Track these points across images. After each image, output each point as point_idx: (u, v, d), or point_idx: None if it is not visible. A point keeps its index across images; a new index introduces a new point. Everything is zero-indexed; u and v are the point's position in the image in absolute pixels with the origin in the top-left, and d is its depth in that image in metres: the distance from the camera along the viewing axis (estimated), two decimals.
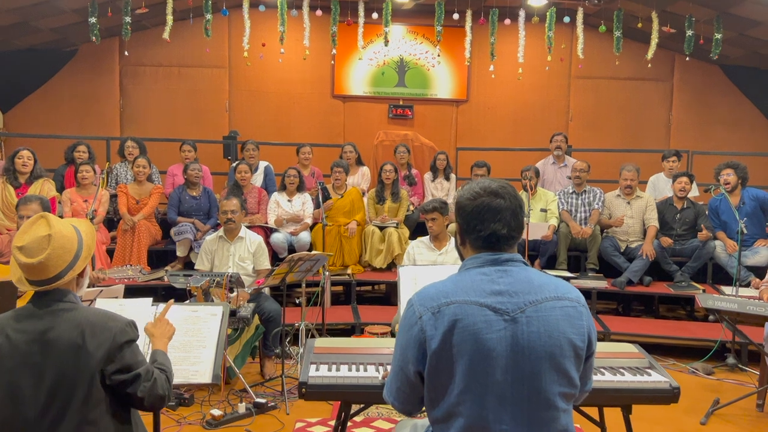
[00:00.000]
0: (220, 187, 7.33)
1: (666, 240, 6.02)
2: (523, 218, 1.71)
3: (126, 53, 8.72)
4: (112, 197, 6.39)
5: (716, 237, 6.02)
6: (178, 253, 6.07)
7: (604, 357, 2.61)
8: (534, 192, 6.31)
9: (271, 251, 5.94)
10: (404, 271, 2.86)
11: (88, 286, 2.44)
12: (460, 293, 1.63)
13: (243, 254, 4.92)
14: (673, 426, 3.89)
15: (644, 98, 9.78)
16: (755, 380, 4.49)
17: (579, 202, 6.34)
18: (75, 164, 6.34)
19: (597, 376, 2.41)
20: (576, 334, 1.64)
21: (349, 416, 2.56)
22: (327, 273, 5.01)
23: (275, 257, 6.07)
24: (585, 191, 6.36)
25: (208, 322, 2.59)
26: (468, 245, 1.74)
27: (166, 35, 7.75)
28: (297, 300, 4.75)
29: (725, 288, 5.76)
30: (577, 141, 8.74)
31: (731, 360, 4.96)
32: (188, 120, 9.47)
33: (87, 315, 1.85)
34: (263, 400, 3.97)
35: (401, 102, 9.80)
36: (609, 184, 6.89)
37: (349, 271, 6.22)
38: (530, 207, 6.05)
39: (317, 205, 6.27)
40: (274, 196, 6.50)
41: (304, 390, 2.32)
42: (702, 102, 9.65)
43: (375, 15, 8.21)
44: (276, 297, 4.97)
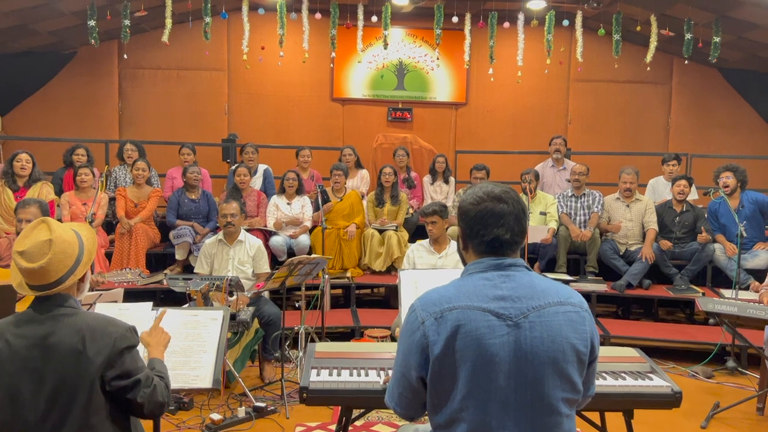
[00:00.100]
0: (219, 190, 7.32)
1: (665, 243, 6.02)
2: (526, 223, 1.71)
3: (125, 56, 8.71)
4: (111, 200, 6.38)
5: (715, 240, 6.03)
6: (177, 257, 6.06)
7: (606, 361, 2.60)
8: (533, 195, 6.32)
9: (271, 254, 5.92)
10: (405, 275, 2.85)
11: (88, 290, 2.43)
12: (463, 298, 1.62)
13: (242, 258, 4.90)
14: (674, 430, 3.88)
15: (643, 101, 9.79)
16: (755, 383, 4.49)
17: (578, 205, 6.34)
18: (74, 167, 6.33)
19: (599, 381, 2.41)
20: (579, 339, 1.63)
21: (351, 421, 2.55)
22: (327, 276, 5.00)
23: (274, 260, 6.06)
24: (584, 194, 6.36)
25: (209, 327, 2.58)
26: (471, 250, 1.73)
27: (165, 38, 7.75)
28: (297, 303, 4.74)
29: (725, 291, 5.76)
30: (576, 144, 8.75)
31: (731, 363, 4.96)
32: (187, 123, 9.46)
33: (87, 320, 1.85)
34: (263, 404, 3.96)
35: (400, 105, 9.79)
36: (608, 187, 6.89)
37: (349, 274, 6.21)
38: (530, 210, 6.05)
39: (316, 208, 6.27)
40: (274, 199, 6.49)
41: (306, 395, 2.30)
42: (701, 105, 9.66)
43: (374, 18, 8.22)
44: (275, 300, 4.96)
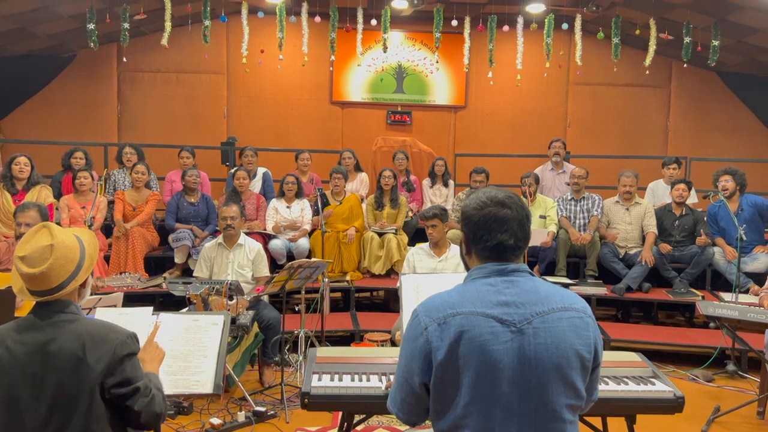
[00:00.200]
0: (219, 194, 7.31)
1: (665, 246, 6.01)
2: (530, 228, 1.70)
3: (124, 59, 8.70)
4: (110, 204, 6.36)
5: (715, 243, 6.03)
6: (177, 260, 6.05)
7: (608, 366, 2.59)
8: (533, 198, 6.31)
9: (270, 258, 5.92)
10: (406, 280, 2.84)
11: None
12: (466, 304, 1.61)
13: (242, 261, 4.89)
14: None
15: (642, 105, 9.81)
16: (755, 387, 4.48)
17: (578, 209, 6.34)
18: (72, 171, 6.32)
19: (601, 386, 2.39)
20: (583, 345, 1.62)
21: (352, 426, 2.54)
22: (326, 280, 4.99)
23: (274, 264, 6.05)
24: (584, 198, 6.36)
25: (209, 332, 2.57)
26: (474, 255, 1.72)
27: (165, 41, 7.74)
28: (296, 307, 4.72)
29: (724, 294, 5.76)
30: (575, 147, 8.75)
31: (731, 367, 4.95)
32: (186, 126, 9.46)
33: (88, 327, 1.83)
34: (263, 409, 3.94)
35: (399, 108, 9.80)
36: (607, 191, 6.89)
37: (348, 278, 6.20)
38: None
39: (316, 212, 6.25)
40: (273, 203, 6.48)
41: (307, 400, 2.29)
42: (699, 109, 9.67)
43: (374, 21, 8.23)
44: (275, 304, 4.94)
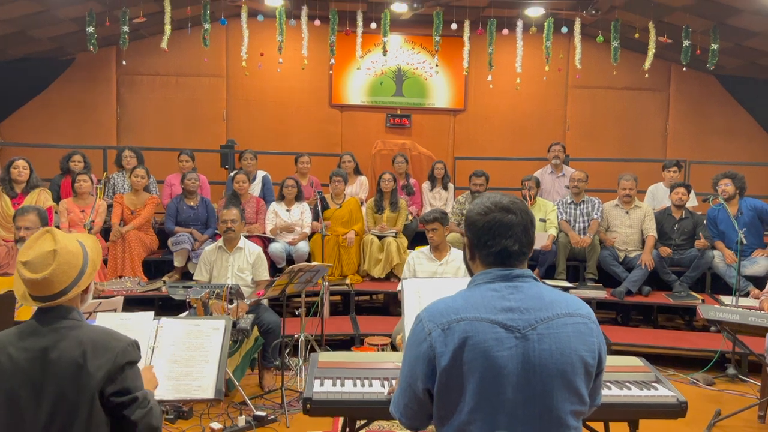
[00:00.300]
0: (218, 197, 7.30)
1: (665, 250, 6.02)
2: (534, 234, 1.69)
3: (123, 62, 8.69)
4: (110, 207, 6.35)
5: (714, 247, 6.03)
6: (176, 264, 6.04)
7: (611, 371, 2.59)
8: (533, 202, 6.31)
9: (270, 261, 5.91)
10: (407, 284, 2.84)
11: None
12: (471, 310, 1.60)
13: (242, 265, 4.88)
14: None
15: (641, 108, 9.81)
16: (756, 391, 4.48)
17: (577, 212, 6.34)
18: (71, 174, 6.31)
19: (604, 391, 2.38)
20: (587, 351, 1.62)
21: (354, 431, 2.53)
22: (326, 283, 4.98)
23: (273, 267, 6.03)
24: (583, 201, 6.36)
25: (211, 337, 2.56)
26: (478, 260, 1.71)
27: (164, 45, 7.74)
28: (296, 311, 4.72)
29: (724, 298, 5.76)
30: (575, 150, 8.75)
31: (731, 371, 4.95)
32: (185, 129, 9.44)
33: (90, 333, 1.82)
34: (263, 413, 3.93)
35: (399, 111, 9.80)
36: (606, 194, 6.90)
37: (348, 281, 6.19)
38: None
39: (316, 215, 6.24)
40: (273, 206, 6.47)
41: (309, 406, 2.28)
42: (698, 112, 9.68)
43: (373, 25, 8.22)
44: (275, 308, 4.93)
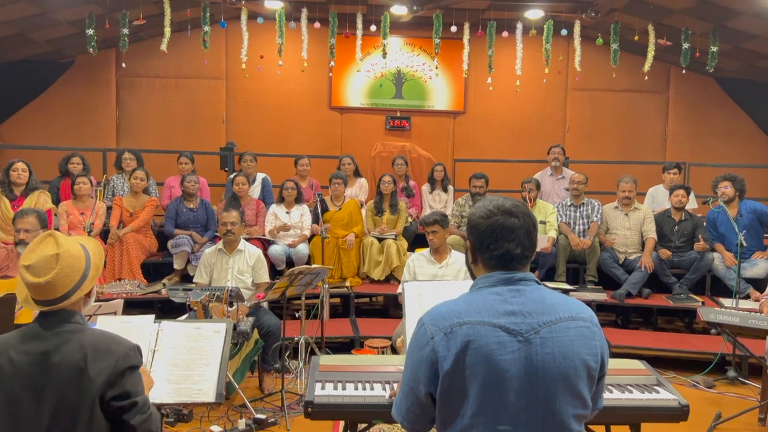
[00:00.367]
0: (217, 199, 7.30)
1: (664, 252, 6.02)
2: (536, 237, 1.69)
3: (123, 65, 8.69)
4: (109, 209, 6.34)
5: (714, 249, 6.03)
6: (176, 266, 6.02)
7: (612, 374, 2.58)
8: (533, 204, 6.31)
9: (269, 264, 5.90)
10: (408, 287, 2.83)
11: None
12: (473, 313, 1.60)
13: (242, 267, 4.87)
14: None
15: (640, 110, 9.82)
16: (756, 393, 4.48)
17: (577, 215, 6.34)
18: (70, 176, 6.30)
19: (606, 394, 2.38)
20: (590, 355, 1.61)
21: None
22: (326, 286, 4.98)
23: (273, 270, 6.02)
24: (583, 203, 6.36)
25: (211, 340, 2.55)
26: (480, 264, 1.71)
27: (164, 47, 7.74)
28: (296, 313, 4.71)
29: (724, 300, 5.77)
30: (574, 153, 8.76)
31: (732, 373, 4.94)
32: (185, 131, 9.44)
33: (92, 337, 1.81)
34: (263, 416, 3.92)
35: (398, 114, 9.80)
36: (606, 196, 6.90)
37: (348, 284, 6.18)
38: None
39: (315, 217, 6.24)
40: (273, 208, 6.47)
41: (311, 409, 2.28)
42: (698, 114, 9.69)
43: (373, 27, 8.23)
44: (275, 310, 4.93)
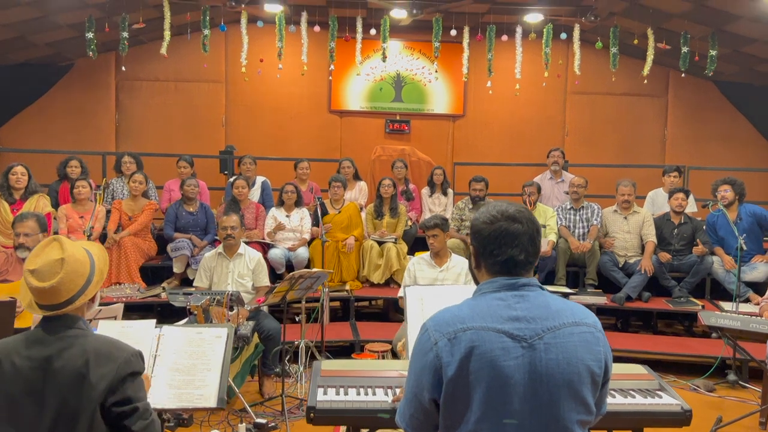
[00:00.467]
0: (217, 203, 7.29)
1: (664, 255, 6.02)
2: (540, 243, 1.69)
3: (123, 68, 8.69)
4: (109, 213, 6.32)
5: (713, 252, 6.03)
6: (175, 270, 6.01)
7: (614, 379, 2.57)
8: (533, 208, 6.31)
9: (269, 267, 5.89)
10: (410, 292, 2.83)
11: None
12: (477, 319, 1.59)
13: (242, 271, 4.86)
14: None
15: (639, 114, 9.84)
16: (757, 397, 4.47)
17: (577, 218, 6.34)
18: (69, 180, 6.29)
19: (608, 399, 2.37)
20: (594, 361, 1.61)
21: None
22: (326, 290, 4.97)
23: (273, 273, 6.01)
24: (583, 207, 6.37)
25: (213, 345, 2.54)
26: (484, 269, 1.70)
27: (164, 50, 7.74)
28: (296, 317, 4.70)
29: (724, 303, 5.76)
30: (573, 156, 8.77)
31: (732, 377, 4.94)
32: (185, 135, 9.44)
33: (94, 343, 1.81)
34: (263, 421, 3.91)
35: (398, 117, 9.80)
36: (605, 199, 6.90)
37: (348, 287, 6.17)
38: None
39: (315, 220, 6.23)
40: (272, 212, 6.46)
41: (313, 415, 2.27)
42: (697, 118, 9.71)
43: (373, 31, 8.24)
44: (275, 314, 4.92)
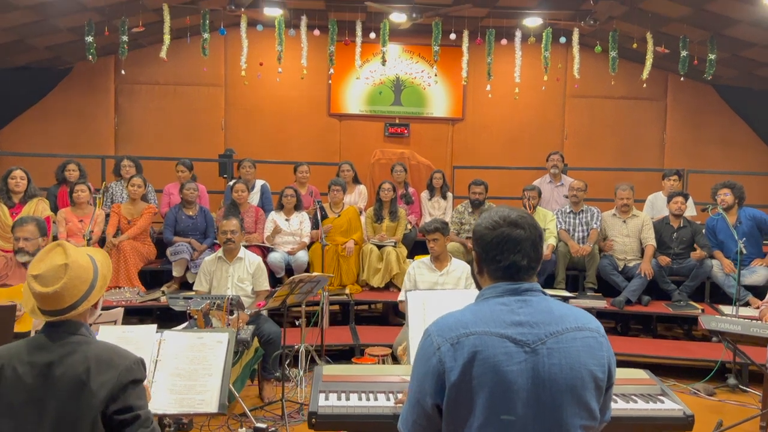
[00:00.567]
0: (216, 206, 7.28)
1: (664, 259, 6.02)
2: (542, 248, 1.69)
3: (122, 72, 8.69)
4: (108, 217, 6.32)
5: (713, 256, 6.04)
6: (175, 273, 6.01)
7: (616, 384, 2.51)
8: (533, 211, 6.31)
9: (269, 271, 5.88)
10: (412, 296, 2.83)
11: None
12: (480, 324, 1.59)
13: (242, 275, 4.86)
14: None
15: (638, 117, 9.86)
16: (757, 401, 4.47)
17: (576, 222, 6.35)
18: (67, 183, 6.29)
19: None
20: (597, 366, 1.61)
21: None
22: (326, 294, 4.96)
23: (272, 277, 6.00)
24: (582, 210, 6.37)
25: (214, 350, 2.54)
26: (486, 275, 1.70)
27: (164, 54, 7.74)
28: (296, 321, 4.69)
29: (723, 307, 5.77)
30: (572, 159, 8.78)
31: (732, 381, 4.94)
32: (184, 138, 9.44)
33: (96, 350, 1.79)
34: (263, 425, 3.90)
35: (397, 120, 9.81)
36: (604, 203, 6.91)
37: (347, 291, 6.16)
38: None
39: (315, 224, 6.23)
40: (272, 216, 6.45)
41: (315, 420, 2.26)
42: (696, 121, 9.73)
43: (372, 35, 8.25)
44: (275, 318, 4.91)
